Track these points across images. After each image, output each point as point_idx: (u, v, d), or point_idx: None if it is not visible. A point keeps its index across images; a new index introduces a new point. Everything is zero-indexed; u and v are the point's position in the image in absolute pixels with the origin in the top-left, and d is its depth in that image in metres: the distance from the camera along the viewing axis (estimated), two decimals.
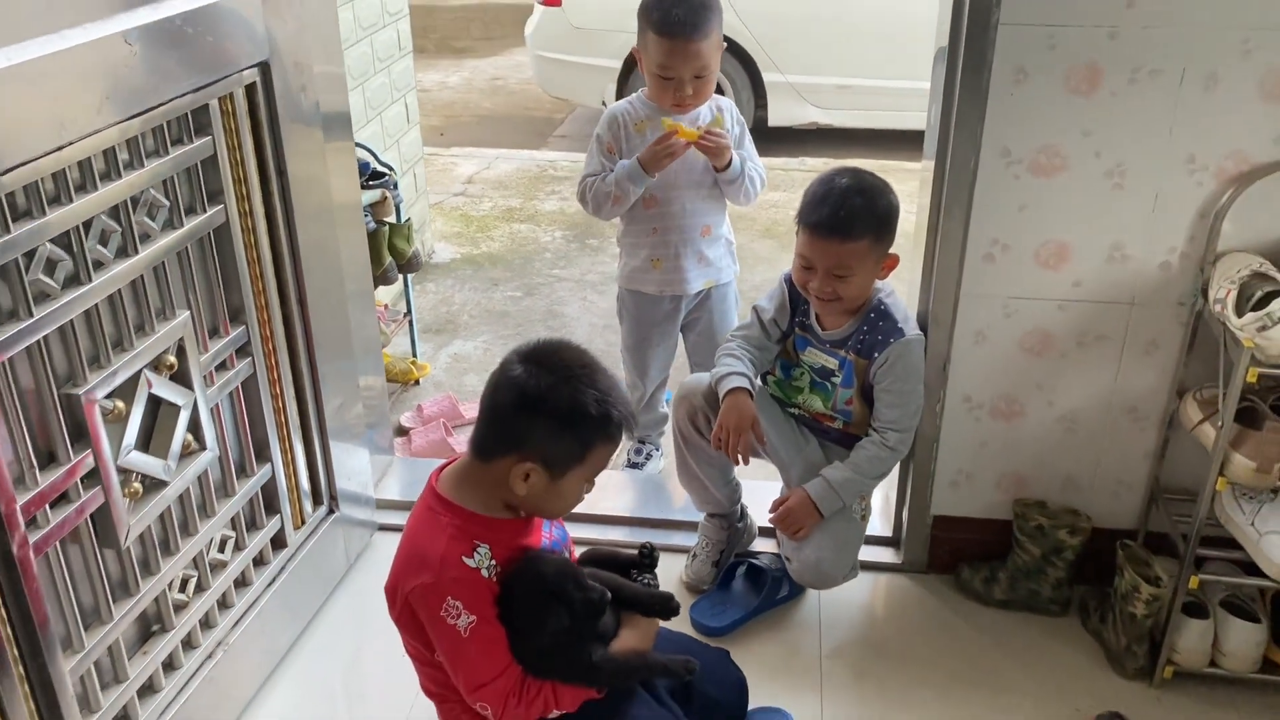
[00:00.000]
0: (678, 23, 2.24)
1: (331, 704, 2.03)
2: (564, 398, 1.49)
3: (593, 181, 2.39)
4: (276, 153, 1.89)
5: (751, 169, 2.39)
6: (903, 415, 2.02)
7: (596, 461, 1.56)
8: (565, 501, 1.59)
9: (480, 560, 1.53)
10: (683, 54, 2.26)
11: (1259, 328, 1.68)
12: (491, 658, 1.53)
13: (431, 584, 1.50)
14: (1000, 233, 1.96)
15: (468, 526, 1.55)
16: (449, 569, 1.51)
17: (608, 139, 2.40)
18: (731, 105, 2.44)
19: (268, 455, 1.98)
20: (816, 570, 2.05)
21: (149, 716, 1.70)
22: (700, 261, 2.49)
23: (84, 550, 1.56)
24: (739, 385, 2.02)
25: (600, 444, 1.54)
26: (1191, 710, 1.95)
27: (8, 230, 1.34)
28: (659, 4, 2.27)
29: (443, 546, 1.52)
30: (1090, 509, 2.13)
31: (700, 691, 1.75)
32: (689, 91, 2.30)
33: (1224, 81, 1.79)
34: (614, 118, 2.40)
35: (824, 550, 2.03)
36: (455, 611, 1.50)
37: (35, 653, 1.46)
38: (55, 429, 1.47)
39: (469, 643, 1.51)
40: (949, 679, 2.03)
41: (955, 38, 1.85)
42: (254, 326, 1.89)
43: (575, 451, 1.52)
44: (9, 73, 1.29)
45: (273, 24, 1.84)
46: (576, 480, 1.56)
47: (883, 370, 2.01)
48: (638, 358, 2.63)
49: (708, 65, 2.30)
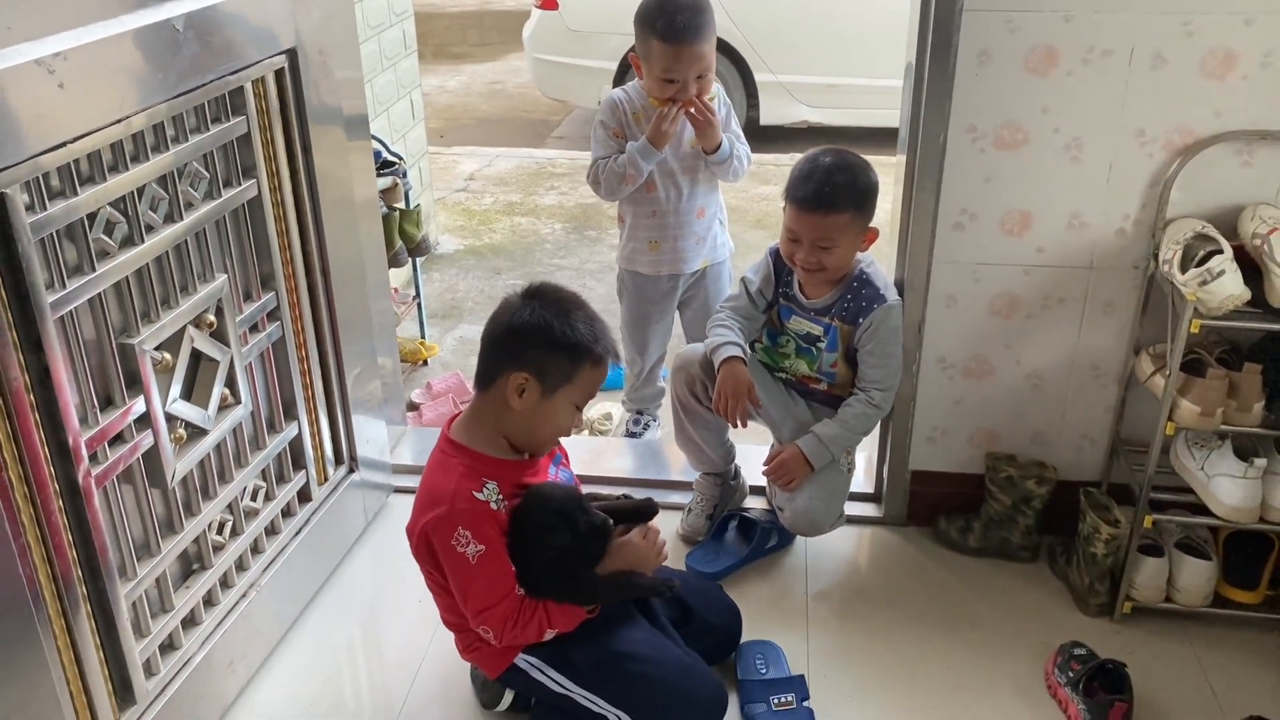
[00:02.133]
0: (683, 29, 2.39)
1: (351, 648, 2.19)
2: (557, 320, 1.70)
3: (604, 164, 2.54)
4: (302, 132, 2.06)
5: (739, 149, 2.56)
6: (886, 375, 2.19)
7: (584, 384, 1.74)
8: (555, 423, 1.76)
9: (489, 494, 1.70)
10: (687, 58, 2.41)
11: (1200, 282, 1.85)
12: (496, 585, 1.70)
13: (445, 515, 1.67)
14: (968, 203, 2.13)
15: (477, 465, 1.72)
16: (460, 501, 1.68)
17: (613, 124, 2.56)
18: (719, 89, 2.60)
19: (294, 414, 2.15)
20: (808, 518, 2.21)
21: (191, 644, 1.86)
22: (697, 242, 2.65)
23: (136, 488, 1.72)
24: (733, 354, 2.18)
25: (588, 366, 1.73)
26: (1148, 641, 2.11)
27: (76, 193, 1.51)
28: (662, 12, 2.41)
29: (454, 482, 1.69)
30: (1056, 461, 2.30)
31: (698, 616, 1.92)
32: (692, 91, 2.45)
33: (1169, 61, 1.96)
34: (615, 104, 2.57)
35: (815, 500, 2.20)
36: (465, 540, 1.67)
37: (95, 577, 1.62)
38: (113, 375, 1.63)
39: (476, 570, 1.68)
40: (926, 618, 2.18)
41: (924, 24, 2.02)
42: (282, 293, 2.06)
43: (565, 368, 1.71)
44: (79, 51, 1.45)
45: (299, 16, 2.00)
46: (566, 401, 1.73)
47: (867, 334, 2.17)
48: (636, 335, 2.80)
49: (709, 65, 2.45)
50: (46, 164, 1.44)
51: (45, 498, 1.49)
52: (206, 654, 1.89)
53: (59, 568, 1.53)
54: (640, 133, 2.51)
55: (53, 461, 1.51)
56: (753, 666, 2.00)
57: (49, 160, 1.44)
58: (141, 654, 1.73)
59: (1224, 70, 1.94)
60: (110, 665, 1.68)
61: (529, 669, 1.76)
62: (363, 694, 2.07)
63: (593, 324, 1.75)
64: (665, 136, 2.46)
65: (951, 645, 2.11)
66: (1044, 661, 2.03)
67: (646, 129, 2.48)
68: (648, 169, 2.51)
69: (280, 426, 2.11)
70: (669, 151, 2.51)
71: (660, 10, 2.42)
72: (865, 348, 2.19)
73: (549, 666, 1.76)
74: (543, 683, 1.76)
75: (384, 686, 2.06)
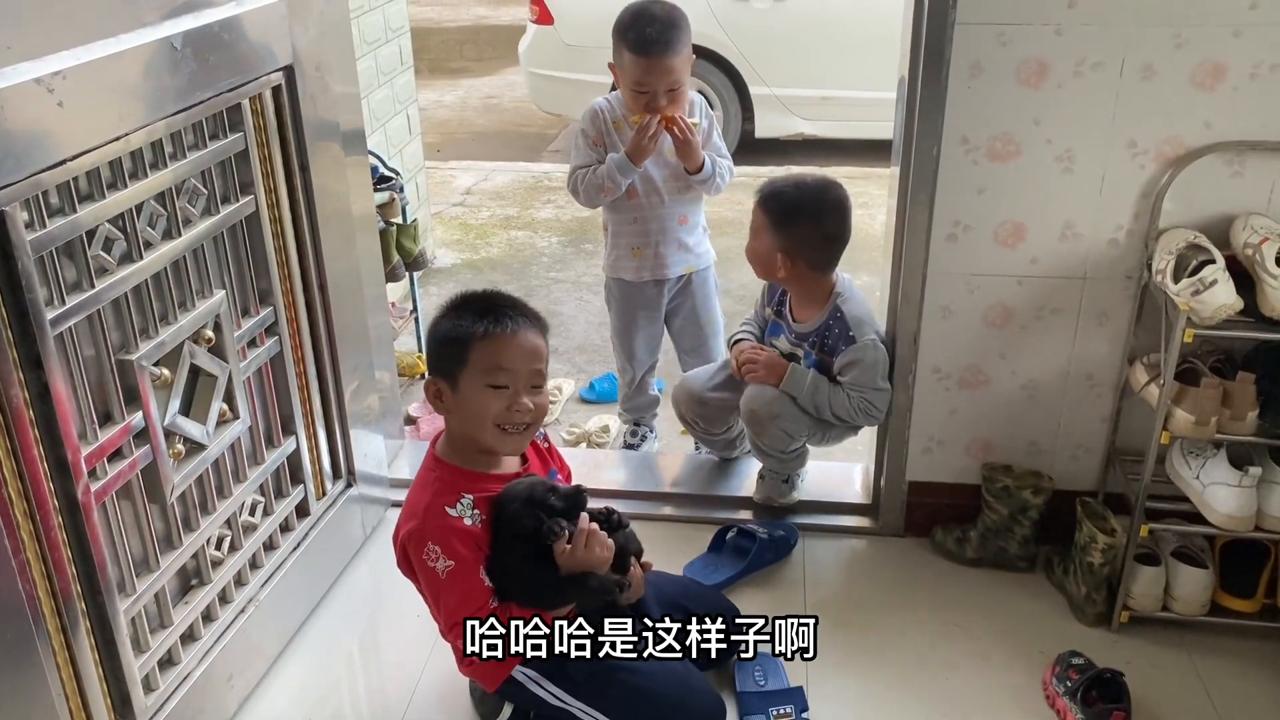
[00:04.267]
0: (652, 41, 2.43)
1: (349, 663, 2.19)
2: (439, 319, 1.75)
3: (583, 174, 2.57)
4: (299, 149, 2.07)
5: (722, 164, 2.58)
6: (865, 404, 2.29)
7: (482, 360, 1.71)
8: (478, 410, 1.73)
9: (463, 509, 1.72)
10: (657, 70, 2.45)
11: (1193, 292, 1.86)
12: (466, 600, 1.70)
13: (417, 529, 1.70)
14: (962, 214, 2.14)
15: (453, 480, 1.75)
16: (431, 517, 1.70)
17: (593, 133, 2.60)
18: (701, 100, 2.62)
19: (292, 429, 2.15)
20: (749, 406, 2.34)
21: (190, 660, 1.86)
22: (680, 248, 2.67)
23: (135, 503, 1.72)
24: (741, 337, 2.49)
25: (477, 342, 1.71)
26: (1146, 650, 2.11)
27: (75, 210, 1.52)
28: (633, 25, 2.45)
29: (428, 498, 1.72)
30: (1052, 471, 2.30)
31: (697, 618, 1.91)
32: (663, 104, 2.48)
33: (1159, 73, 1.97)
34: (596, 113, 2.60)
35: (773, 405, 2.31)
36: (434, 555, 1.69)
37: (95, 592, 1.62)
38: (111, 391, 1.64)
39: (445, 584, 1.69)
40: (924, 628, 2.19)
41: (916, 37, 2.04)
42: (280, 308, 2.07)
43: (456, 354, 1.72)
44: (78, 70, 1.47)
45: (296, 32, 2.02)
46: (473, 384, 1.72)
47: (845, 368, 2.29)
48: (625, 341, 2.82)
49: (680, 79, 2.48)
50: (46, 181, 1.45)
51: (45, 513, 1.50)
52: (205, 669, 1.89)
53: (58, 584, 1.54)
54: (620, 142, 2.54)
55: (52, 477, 1.52)
56: (751, 678, 2.01)
57: (48, 178, 1.45)
58: (141, 670, 1.73)
59: (1214, 81, 1.96)
60: (109, 681, 1.68)
61: (526, 682, 1.76)
62: (361, 708, 2.08)
63: (469, 300, 1.77)
64: (644, 152, 2.48)
65: (949, 655, 2.11)
66: (1042, 671, 2.04)
67: (626, 139, 2.51)
68: (625, 184, 2.54)
69: (278, 441, 2.12)
70: (651, 159, 2.54)
71: (632, 22, 2.46)
72: (845, 378, 2.29)
73: (546, 680, 1.76)
74: (540, 696, 1.76)
75: (382, 701, 2.06)
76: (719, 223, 2.76)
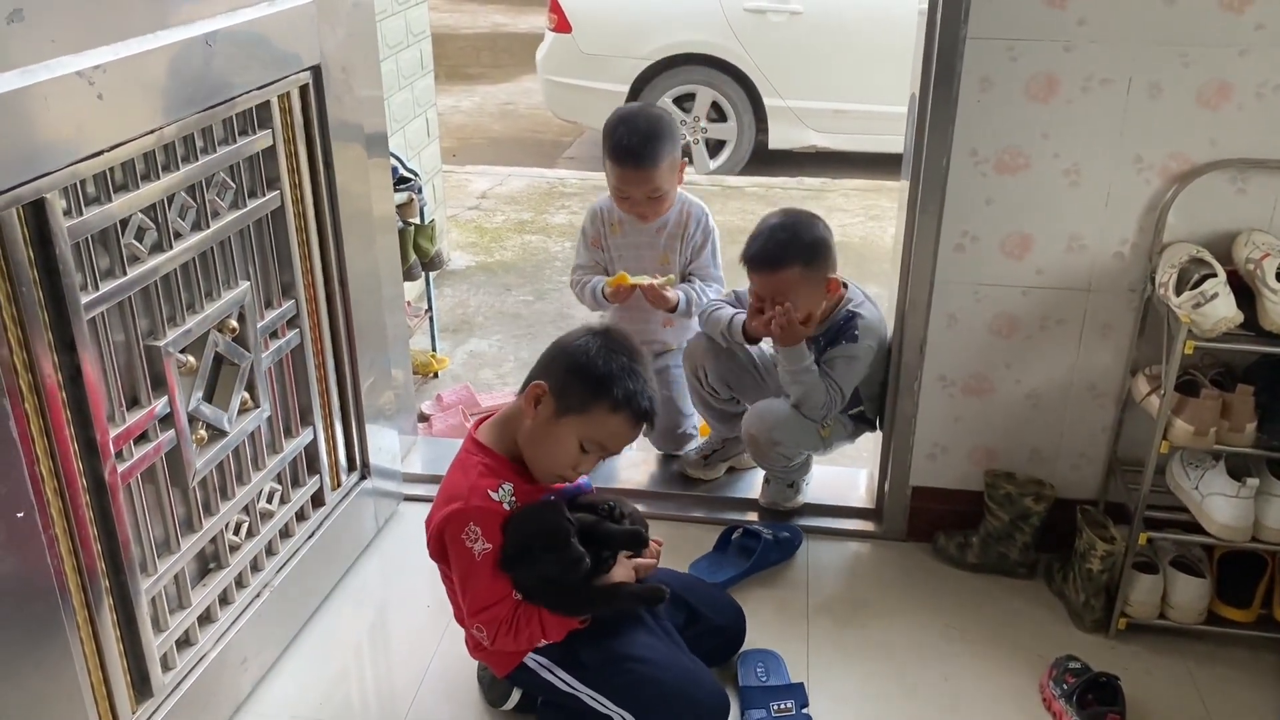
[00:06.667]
0: (630, 152, 2.47)
1: (360, 649, 2.23)
2: (598, 353, 1.74)
3: (579, 278, 2.66)
4: (325, 147, 2.12)
5: (699, 291, 2.59)
6: (831, 387, 2.33)
7: (595, 423, 1.75)
8: (554, 449, 1.77)
9: (504, 496, 1.76)
10: (634, 179, 2.50)
11: (1194, 305, 1.90)
12: (495, 585, 1.74)
13: (460, 510, 1.73)
14: (970, 225, 2.18)
15: (496, 466, 1.78)
16: (475, 498, 1.73)
17: (592, 233, 2.67)
18: (701, 213, 2.64)
19: (310, 420, 2.20)
20: (751, 431, 2.38)
21: (207, 641, 1.91)
22: (665, 325, 2.71)
23: (158, 486, 1.77)
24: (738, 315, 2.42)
25: (606, 406, 1.74)
26: (1142, 657, 2.14)
27: (110, 199, 1.57)
28: (613, 132, 2.49)
29: (473, 479, 1.75)
30: (1054, 479, 2.34)
31: (704, 618, 1.97)
32: (644, 209, 2.54)
33: (1166, 90, 2.02)
34: (596, 214, 2.67)
35: (773, 432, 2.35)
36: (474, 536, 1.72)
37: (118, 571, 1.67)
38: (139, 376, 1.69)
39: (479, 567, 1.73)
40: (924, 630, 2.22)
41: (928, 51, 2.09)
42: (302, 302, 2.12)
43: (582, 396, 1.74)
44: (117, 64, 1.52)
45: (324, 34, 2.07)
46: (571, 430, 1.75)
47: (833, 358, 2.33)
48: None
49: (659, 187, 2.51)
50: (84, 171, 1.50)
51: (74, 492, 1.55)
52: (221, 651, 1.93)
53: (84, 560, 1.59)
54: (615, 244, 2.61)
55: (81, 457, 1.57)
56: (753, 673, 2.05)
57: (86, 168, 1.51)
58: (159, 648, 1.78)
59: (1219, 100, 2.00)
60: (129, 658, 1.73)
61: (538, 669, 1.81)
62: (371, 693, 2.12)
63: (633, 376, 1.74)
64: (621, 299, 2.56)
65: (948, 657, 2.15)
66: (1039, 675, 2.07)
67: (619, 244, 2.60)
68: (607, 309, 2.63)
69: (296, 431, 2.17)
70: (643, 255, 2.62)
71: (614, 129, 2.50)
72: (828, 364, 2.34)
73: (558, 666, 1.80)
74: (551, 682, 1.81)
75: (391, 686, 2.10)
76: (731, 231, 2.80)
